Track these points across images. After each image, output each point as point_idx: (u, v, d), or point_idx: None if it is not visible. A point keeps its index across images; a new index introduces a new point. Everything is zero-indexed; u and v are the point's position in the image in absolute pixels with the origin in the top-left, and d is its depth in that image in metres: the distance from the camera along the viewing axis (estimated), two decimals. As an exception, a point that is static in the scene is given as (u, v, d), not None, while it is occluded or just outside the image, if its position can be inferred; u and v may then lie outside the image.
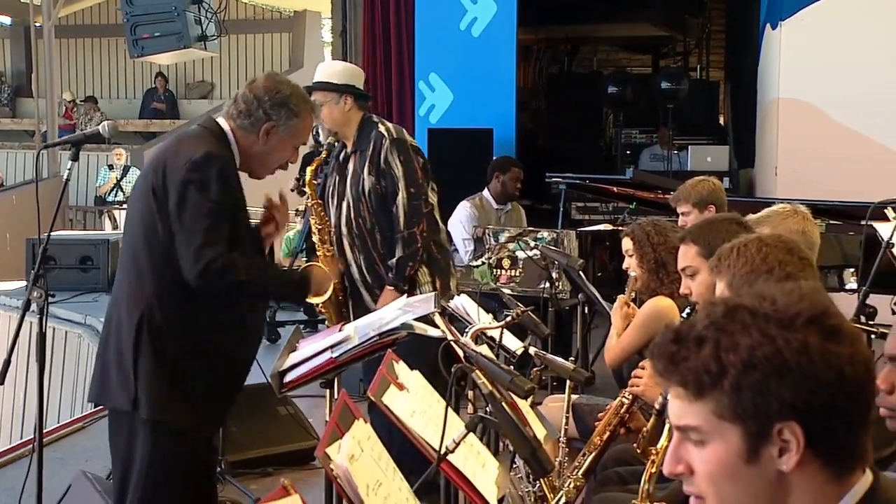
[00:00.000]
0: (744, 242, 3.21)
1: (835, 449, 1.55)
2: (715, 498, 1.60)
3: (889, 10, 8.85)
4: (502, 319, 3.80)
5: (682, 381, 1.58)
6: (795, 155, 9.14)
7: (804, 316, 1.54)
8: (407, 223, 4.92)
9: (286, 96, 3.70)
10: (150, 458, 3.61)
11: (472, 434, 2.90)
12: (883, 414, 2.53)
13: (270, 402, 5.74)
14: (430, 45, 10.12)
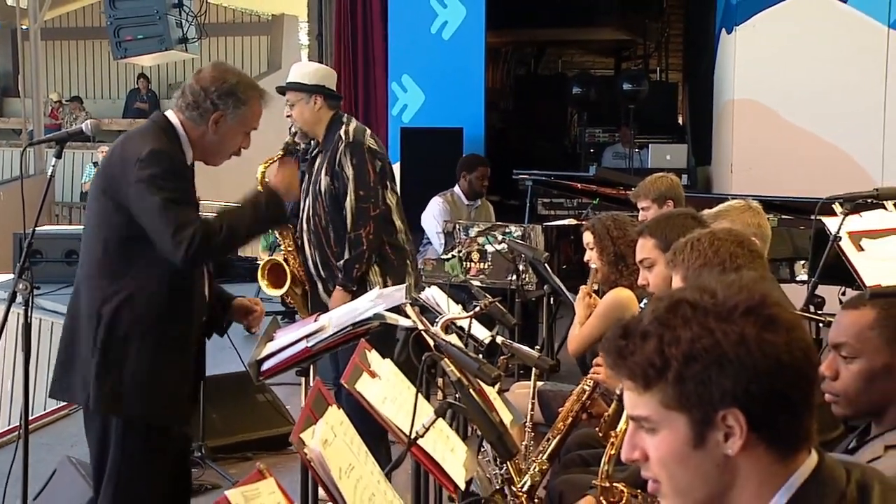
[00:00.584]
0: (697, 237, 3.23)
1: (778, 432, 1.57)
2: (668, 482, 1.63)
3: (835, 16, 8.90)
4: (471, 310, 3.80)
5: (631, 375, 1.61)
6: (749, 153, 9.18)
7: (741, 308, 1.56)
8: (353, 225, 4.90)
9: (233, 85, 3.64)
10: (123, 450, 3.57)
11: (441, 419, 2.91)
12: (828, 399, 2.56)
13: (249, 389, 5.74)
14: (402, 47, 10.11)
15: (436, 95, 10.00)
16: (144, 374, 3.54)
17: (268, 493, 2.02)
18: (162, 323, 3.58)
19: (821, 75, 8.89)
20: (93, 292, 3.58)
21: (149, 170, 3.45)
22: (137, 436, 3.58)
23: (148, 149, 3.48)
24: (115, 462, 3.57)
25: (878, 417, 2.53)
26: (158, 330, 3.57)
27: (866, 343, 2.50)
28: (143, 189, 3.45)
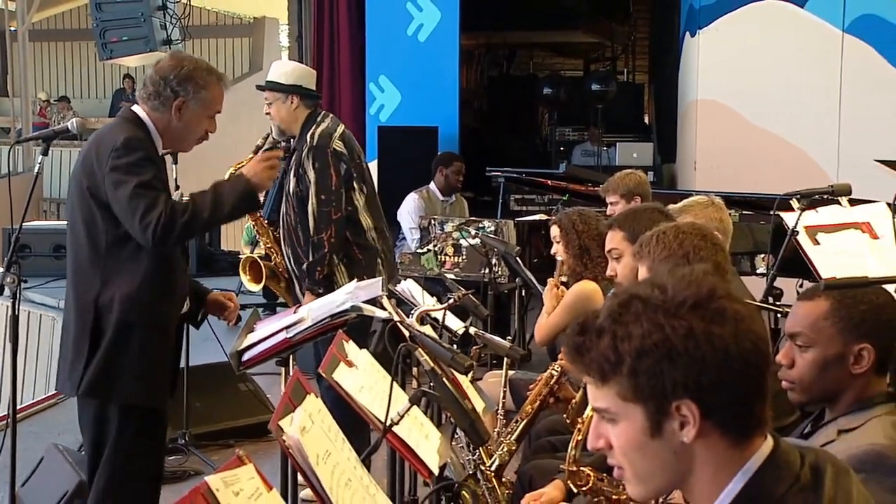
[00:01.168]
0: (662, 230, 3.24)
1: (731, 419, 1.58)
2: (630, 469, 1.64)
3: (794, 20, 8.95)
4: (445, 302, 3.80)
5: (588, 370, 1.62)
6: (712, 151, 9.23)
7: (689, 302, 1.57)
8: (315, 229, 4.86)
9: (190, 71, 3.62)
10: (120, 434, 3.57)
11: (415, 407, 2.91)
12: (784, 386, 2.57)
13: (231, 379, 5.73)
14: (379, 49, 10.11)
15: (412, 95, 10.01)
16: (136, 361, 3.54)
17: (247, 479, 2.02)
18: (148, 313, 3.58)
19: (780, 77, 8.95)
20: (83, 286, 3.58)
21: (124, 158, 3.46)
22: (133, 420, 3.58)
23: (123, 137, 3.49)
24: (113, 446, 3.56)
25: (831, 403, 2.55)
26: (146, 319, 3.57)
27: (820, 333, 2.52)
28: (117, 176, 3.45)
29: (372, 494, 2.58)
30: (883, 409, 2.49)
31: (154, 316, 3.60)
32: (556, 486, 3.20)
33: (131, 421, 3.58)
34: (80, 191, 3.60)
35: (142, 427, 3.63)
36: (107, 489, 3.58)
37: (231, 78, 4.32)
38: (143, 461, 3.65)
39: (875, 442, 2.37)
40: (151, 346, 3.59)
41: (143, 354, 3.56)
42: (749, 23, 9.10)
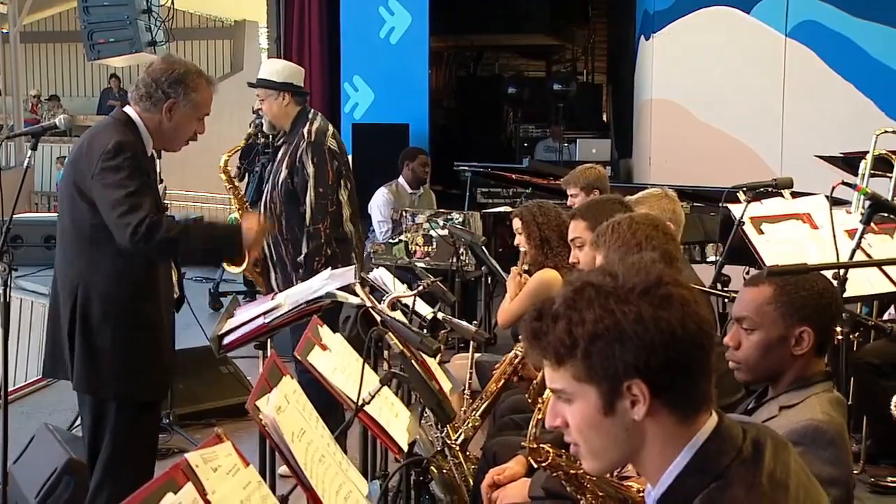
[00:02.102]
0: (618, 221, 3.26)
1: (678, 397, 1.59)
2: (585, 445, 1.65)
3: (740, 25, 9.00)
4: (415, 289, 3.80)
5: (545, 354, 1.63)
6: (666, 147, 9.26)
7: (639, 289, 1.58)
8: (312, 219, 4.86)
9: (181, 74, 3.59)
10: (116, 425, 3.54)
11: (386, 388, 2.91)
12: (731, 366, 2.59)
13: (213, 362, 5.72)
14: (353, 51, 10.08)
15: (384, 94, 9.99)
16: (120, 357, 3.50)
17: (224, 455, 2.00)
18: (132, 303, 3.54)
19: (728, 78, 9.00)
20: (69, 275, 3.55)
21: (113, 161, 3.41)
22: (129, 412, 3.55)
23: (114, 141, 3.44)
24: (111, 437, 3.53)
25: (774, 382, 2.57)
26: (129, 311, 3.53)
27: (764, 317, 2.54)
28: (105, 176, 3.40)
29: (344, 470, 2.58)
30: (821, 387, 2.51)
31: (135, 315, 3.55)
32: (518, 462, 3.21)
33: (127, 410, 3.55)
34: (69, 184, 3.57)
35: (138, 414, 3.60)
36: (103, 477, 3.56)
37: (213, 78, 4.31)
38: (140, 443, 3.62)
39: (813, 418, 2.40)
40: (135, 343, 3.54)
41: (125, 351, 3.51)
42: (700, 27, 9.14)
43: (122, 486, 3.44)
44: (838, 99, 8.70)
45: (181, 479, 1.84)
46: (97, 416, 3.55)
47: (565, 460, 2.48)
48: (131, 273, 3.52)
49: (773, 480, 1.59)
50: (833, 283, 2.83)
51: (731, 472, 1.58)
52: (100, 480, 3.56)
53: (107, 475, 3.55)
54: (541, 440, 2.59)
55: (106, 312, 3.49)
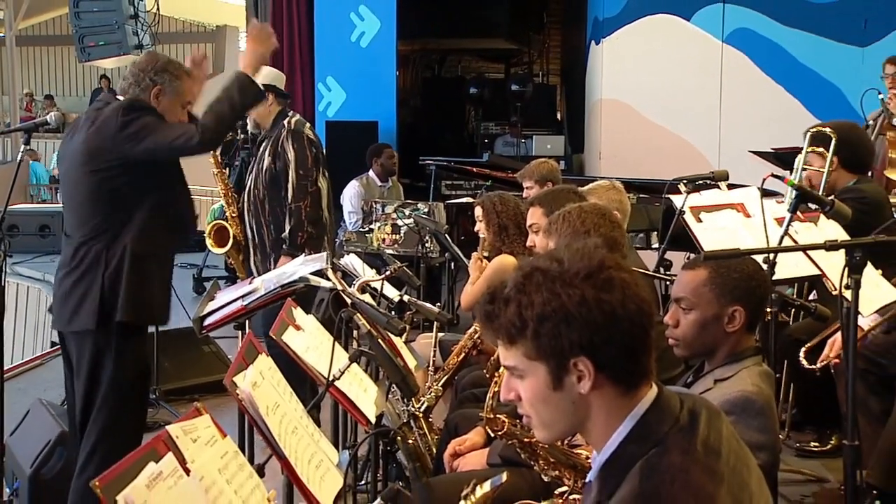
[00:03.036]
0: (568, 210, 3.27)
1: (620, 372, 1.60)
2: (535, 417, 1.66)
3: (681, 31, 9.04)
4: (383, 274, 3.80)
5: (497, 334, 1.64)
6: (614, 143, 9.29)
7: (582, 273, 1.58)
8: (294, 198, 4.89)
9: (165, 63, 3.64)
10: (120, 364, 3.55)
11: (355, 364, 2.91)
12: (671, 343, 2.61)
13: (196, 341, 5.70)
14: (326, 53, 10.03)
15: (355, 94, 9.96)
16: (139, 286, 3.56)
17: (203, 427, 2.00)
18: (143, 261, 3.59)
19: (670, 79, 9.04)
20: (95, 249, 3.56)
21: (131, 113, 3.48)
22: (130, 351, 3.59)
23: (127, 101, 3.53)
24: (108, 393, 3.54)
25: (709, 357, 2.60)
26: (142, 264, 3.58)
27: (701, 297, 2.56)
28: (137, 123, 3.47)
29: (316, 440, 2.57)
30: (751, 361, 2.54)
31: (146, 261, 3.60)
32: (477, 433, 3.22)
33: (127, 353, 3.58)
34: (78, 164, 3.57)
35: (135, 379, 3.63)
36: (96, 444, 3.54)
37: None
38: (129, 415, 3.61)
39: (744, 389, 2.42)
40: (153, 273, 3.64)
41: (145, 280, 3.59)
42: (645, 33, 9.17)
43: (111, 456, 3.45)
44: (769, 100, 8.79)
45: (162, 449, 1.84)
46: (96, 356, 3.56)
47: (520, 430, 2.49)
48: (155, 214, 3.60)
49: (706, 446, 1.59)
50: (763, 266, 2.85)
51: (669, 440, 1.58)
52: (93, 447, 3.53)
53: (99, 442, 3.52)
54: (497, 412, 2.60)
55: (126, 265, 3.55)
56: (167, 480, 1.78)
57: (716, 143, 8.83)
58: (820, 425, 4.82)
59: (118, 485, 1.68)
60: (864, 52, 8.50)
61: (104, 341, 3.56)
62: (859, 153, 4.52)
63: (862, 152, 4.56)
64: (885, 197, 4.68)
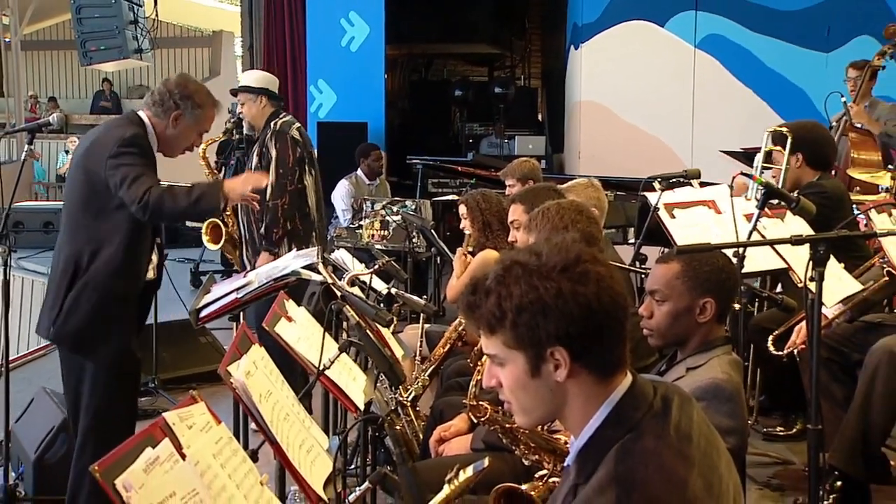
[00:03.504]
0: (547, 207, 3.26)
1: (596, 361, 1.59)
2: (515, 403, 1.65)
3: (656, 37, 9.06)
4: (372, 268, 3.79)
5: (479, 324, 1.63)
6: (593, 143, 9.30)
7: (559, 267, 1.58)
8: (272, 195, 4.85)
9: (192, 91, 3.63)
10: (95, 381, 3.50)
11: (344, 354, 2.90)
12: (645, 333, 2.61)
13: (193, 332, 5.67)
14: (318, 57, 9.99)
15: (345, 96, 9.94)
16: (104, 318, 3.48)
17: (199, 414, 1.99)
18: (120, 279, 3.50)
19: (646, 82, 9.06)
20: (72, 250, 3.52)
21: (128, 147, 3.45)
22: (111, 366, 3.51)
23: (131, 132, 3.50)
24: (93, 386, 3.50)
25: (682, 346, 2.59)
26: (117, 285, 3.50)
27: (673, 289, 2.55)
28: (121, 157, 3.43)
29: (307, 427, 2.57)
30: (721, 350, 2.54)
31: (126, 280, 3.52)
32: (461, 419, 3.22)
33: (107, 368, 3.50)
34: (79, 169, 3.56)
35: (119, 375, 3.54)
36: (88, 431, 3.51)
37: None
38: (119, 404, 3.57)
39: (714, 377, 2.42)
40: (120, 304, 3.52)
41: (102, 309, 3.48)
42: (621, 38, 9.18)
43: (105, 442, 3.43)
44: (739, 102, 8.83)
45: (159, 435, 1.83)
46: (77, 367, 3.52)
47: (501, 416, 2.49)
48: (128, 251, 3.51)
49: (678, 431, 1.59)
50: (733, 260, 2.85)
51: (643, 425, 1.58)
52: (82, 441, 3.52)
53: (89, 434, 3.50)
54: (480, 399, 2.60)
55: (101, 284, 3.46)
56: (164, 465, 1.77)
57: (689, 143, 8.85)
58: (786, 411, 4.85)
59: (116, 469, 1.67)
60: (828, 58, 8.55)
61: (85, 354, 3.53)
62: (822, 151, 4.54)
63: (825, 150, 4.59)
64: (846, 192, 4.71)
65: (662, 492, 1.50)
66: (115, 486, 1.65)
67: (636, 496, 1.48)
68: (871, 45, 7.68)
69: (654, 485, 1.51)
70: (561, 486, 1.65)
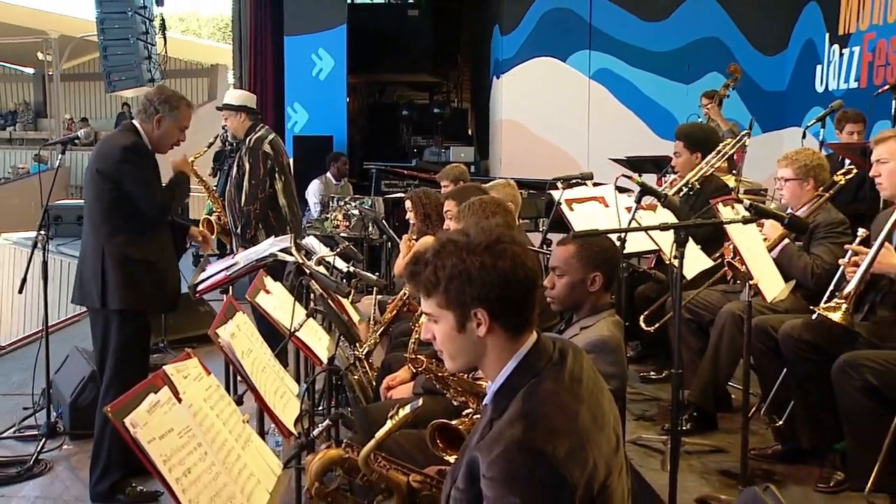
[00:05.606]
0: (473, 201, 3.25)
1: (510, 321, 1.59)
2: (446, 352, 1.64)
3: (559, 70, 9.11)
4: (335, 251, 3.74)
5: (418, 288, 1.62)
6: (511, 152, 9.33)
7: (483, 245, 1.57)
8: (246, 202, 4.83)
9: (168, 96, 3.56)
10: (120, 334, 3.47)
11: (311, 319, 2.85)
12: (549, 301, 2.61)
13: (194, 303, 5.58)
14: (294, 84, 9.84)
15: (316, 115, 9.82)
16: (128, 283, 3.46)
17: (192, 367, 1.95)
18: (137, 248, 3.48)
19: (552, 105, 9.11)
20: (96, 237, 3.48)
21: (130, 154, 3.42)
22: (129, 324, 3.49)
23: (131, 140, 3.47)
24: (115, 343, 3.46)
25: (577, 311, 2.61)
26: (135, 252, 3.47)
27: (570, 266, 2.57)
28: (127, 164, 3.41)
29: (281, 377, 2.53)
30: (607, 313, 2.56)
31: (142, 253, 3.49)
32: (405, 370, 3.20)
33: (126, 326, 3.48)
34: (92, 172, 3.51)
35: (135, 334, 3.52)
36: (111, 381, 3.47)
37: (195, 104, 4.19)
38: (135, 358, 3.54)
39: (601, 334, 2.44)
40: (137, 274, 3.48)
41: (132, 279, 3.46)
42: (532, 71, 9.21)
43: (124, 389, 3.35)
44: (623, 121, 8.95)
45: (160, 384, 1.81)
46: (105, 328, 3.50)
47: (435, 367, 2.48)
48: (140, 230, 3.49)
49: (572, 377, 1.60)
50: (616, 243, 2.87)
51: (544, 372, 1.58)
52: (106, 388, 3.48)
53: (111, 383, 3.46)
54: (419, 353, 2.59)
55: (121, 254, 3.45)
56: (164, 407, 1.76)
57: (585, 152, 8.93)
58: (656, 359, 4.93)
59: (126, 410, 1.66)
60: (688, 88, 8.72)
61: (107, 316, 3.50)
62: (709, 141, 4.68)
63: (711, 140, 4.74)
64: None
65: (559, 423, 1.50)
66: (124, 424, 1.63)
67: (539, 427, 1.48)
68: (718, 79, 7.85)
69: (553, 418, 1.51)
70: (480, 421, 1.64)
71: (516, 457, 1.44)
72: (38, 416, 4.30)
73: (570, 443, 1.47)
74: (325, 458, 1.67)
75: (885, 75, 6.58)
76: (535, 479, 1.43)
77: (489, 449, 1.48)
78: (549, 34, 9.11)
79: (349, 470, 1.80)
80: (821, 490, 3.14)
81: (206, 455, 1.76)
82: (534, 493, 1.42)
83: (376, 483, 1.82)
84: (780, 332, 3.29)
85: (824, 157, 3.88)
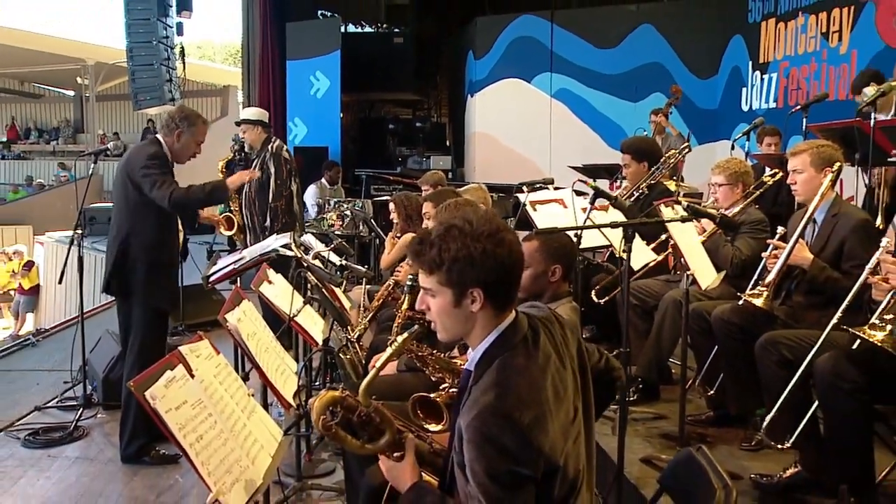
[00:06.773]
0: (448, 203, 3.24)
1: (499, 300, 1.59)
2: (440, 324, 1.63)
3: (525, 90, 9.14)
4: (329, 247, 3.72)
5: (422, 265, 1.60)
6: (484, 160, 9.34)
7: (485, 232, 1.56)
8: (273, 198, 4.90)
9: (187, 114, 3.57)
10: (143, 320, 3.46)
11: (308, 306, 2.84)
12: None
13: (208, 292, 5.52)
14: (295, 102, 9.82)
15: (314, 129, 9.78)
16: (146, 279, 3.45)
17: (204, 348, 1.93)
18: (154, 250, 3.47)
19: (520, 121, 9.14)
20: (119, 233, 3.48)
21: (154, 161, 3.41)
22: (149, 311, 3.48)
23: (154, 150, 3.47)
24: (137, 327, 3.46)
25: (540, 298, 2.59)
26: (153, 254, 3.46)
27: (533, 259, 2.56)
28: (148, 170, 3.39)
29: (282, 357, 2.51)
30: (566, 300, 2.56)
31: (157, 251, 3.48)
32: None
33: (147, 312, 3.47)
34: (122, 175, 3.51)
35: (154, 320, 3.51)
36: (134, 359, 3.47)
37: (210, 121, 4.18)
38: (155, 341, 3.53)
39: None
40: (154, 270, 3.47)
41: (149, 276, 3.45)
42: (502, 90, 9.24)
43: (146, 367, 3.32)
44: (580, 134, 8.98)
45: (175, 362, 1.81)
46: (128, 313, 3.50)
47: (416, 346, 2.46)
48: (156, 230, 3.47)
49: (543, 352, 1.60)
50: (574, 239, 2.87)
51: (517, 346, 1.59)
52: (130, 366, 3.46)
53: (136, 361, 3.45)
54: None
55: (141, 254, 3.44)
56: (179, 382, 1.76)
57: (548, 160, 8.96)
58: (609, 339, 4.94)
59: (146, 385, 1.67)
60: (636, 106, 8.78)
61: (129, 305, 3.49)
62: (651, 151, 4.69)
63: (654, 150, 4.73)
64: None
65: (526, 393, 1.51)
66: (145, 396, 1.63)
67: (509, 395, 1.49)
68: (661, 98, 7.92)
69: (521, 388, 1.51)
70: (460, 387, 1.64)
71: (489, 419, 1.45)
72: (76, 389, 4.38)
73: (535, 412, 1.48)
74: (326, 397, 1.65)
75: (797, 97, 6.74)
76: (504, 439, 1.44)
77: (468, 413, 1.49)
78: (516, 59, 9.13)
79: (348, 408, 1.76)
80: (745, 449, 3.18)
81: (216, 424, 1.75)
82: (503, 452, 1.43)
83: (373, 419, 1.79)
84: (712, 315, 3.32)
85: (750, 166, 3.92)
